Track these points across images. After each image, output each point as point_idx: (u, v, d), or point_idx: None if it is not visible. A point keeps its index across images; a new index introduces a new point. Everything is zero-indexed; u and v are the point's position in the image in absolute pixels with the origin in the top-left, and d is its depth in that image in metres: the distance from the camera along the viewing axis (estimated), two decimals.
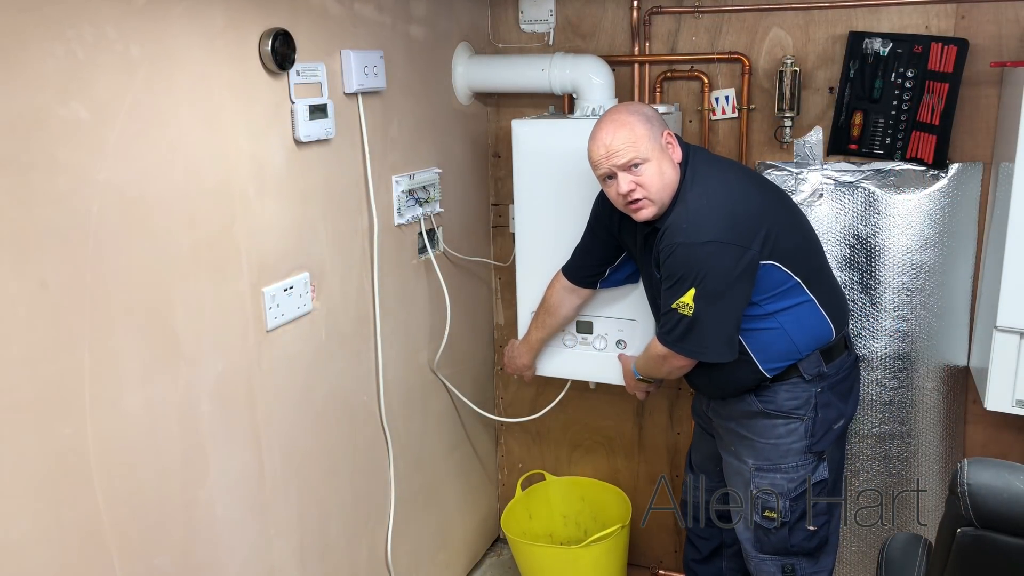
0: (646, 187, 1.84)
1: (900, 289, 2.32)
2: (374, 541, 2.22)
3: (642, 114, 1.88)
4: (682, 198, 1.86)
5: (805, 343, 1.92)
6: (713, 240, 1.79)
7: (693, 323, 1.83)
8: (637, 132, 1.84)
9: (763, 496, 1.98)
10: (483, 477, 2.90)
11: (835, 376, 1.97)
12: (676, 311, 1.84)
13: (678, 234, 1.82)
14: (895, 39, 2.19)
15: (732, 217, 1.82)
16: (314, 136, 1.83)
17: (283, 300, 1.78)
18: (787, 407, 1.95)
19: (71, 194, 1.30)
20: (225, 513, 1.68)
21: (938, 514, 1.36)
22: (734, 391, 1.99)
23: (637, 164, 1.83)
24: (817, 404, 1.94)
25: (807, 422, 1.94)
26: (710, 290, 1.80)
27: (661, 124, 1.90)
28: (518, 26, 2.60)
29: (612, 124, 1.87)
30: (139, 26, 1.40)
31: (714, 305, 1.81)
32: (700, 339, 1.85)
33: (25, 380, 1.26)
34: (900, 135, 2.24)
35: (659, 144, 1.86)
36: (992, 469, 1.27)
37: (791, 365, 1.93)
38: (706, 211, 1.83)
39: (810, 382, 1.94)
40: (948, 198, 2.26)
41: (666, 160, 1.86)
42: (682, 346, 1.89)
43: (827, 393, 1.96)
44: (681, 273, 1.81)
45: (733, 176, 1.93)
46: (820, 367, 1.94)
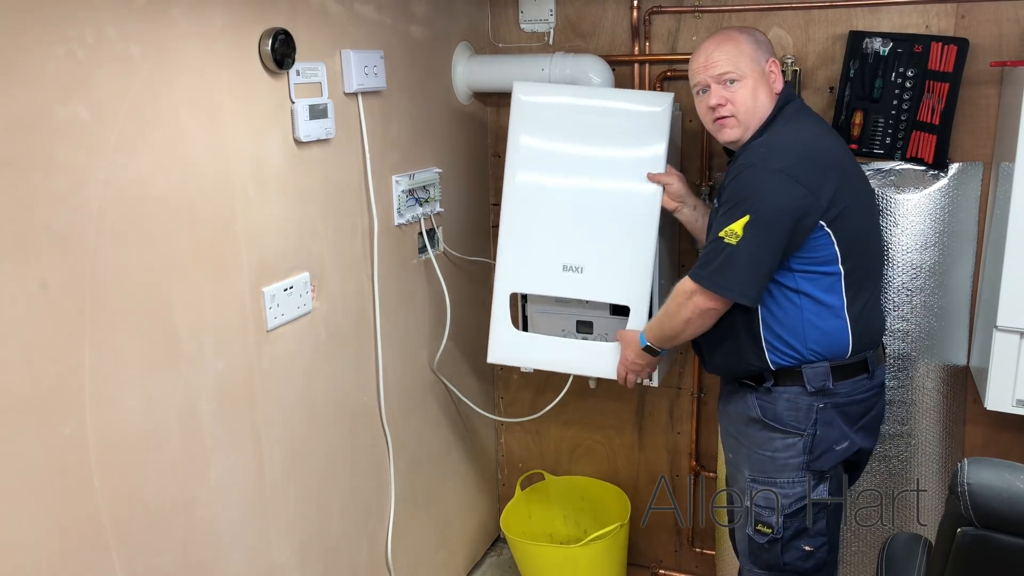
0: (736, 105, 1.82)
1: (900, 289, 2.32)
2: (374, 541, 2.22)
3: (752, 35, 1.87)
4: (770, 130, 1.82)
5: (815, 345, 1.83)
6: (784, 171, 1.72)
7: (732, 255, 1.73)
8: (742, 48, 1.82)
9: (758, 509, 1.90)
10: (483, 477, 2.90)
11: (844, 396, 1.86)
12: (721, 240, 1.74)
13: (752, 157, 1.77)
14: (895, 39, 2.19)
15: (811, 158, 1.75)
16: (314, 136, 1.83)
17: (283, 300, 1.78)
18: (785, 419, 1.86)
19: (71, 194, 1.30)
20: (225, 513, 1.68)
21: (938, 514, 1.37)
22: (736, 370, 1.92)
23: (733, 80, 1.81)
24: (818, 420, 1.85)
25: (806, 438, 1.85)
26: (763, 220, 1.71)
27: (769, 51, 1.87)
28: (518, 26, 2.60)
29: (720, 36, 1.86)
30: (139, 26, 1.40)
31: (760, 239, 1.72)
32: (735, 274, 1.75)
33: (25, 380, 1.26)
34: (900, 135, 2.24)
35: (761, 68, 1.83)
36: (992, 469, 1.27)
37: (796, 370, 1.84)
38: (788, 144, 1.78)
39: (812, 395, 1.84)
40: (948, 198, 2.26)
41: (763, 86, 1.83)
42: (714, 280, 1.77)
43: (831, 411, 1.85)
44: (741, 197, 1.73)
45: (825, 131, 1.88)
46: (826, 382, 1.84)
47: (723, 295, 1.78)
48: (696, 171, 2.50)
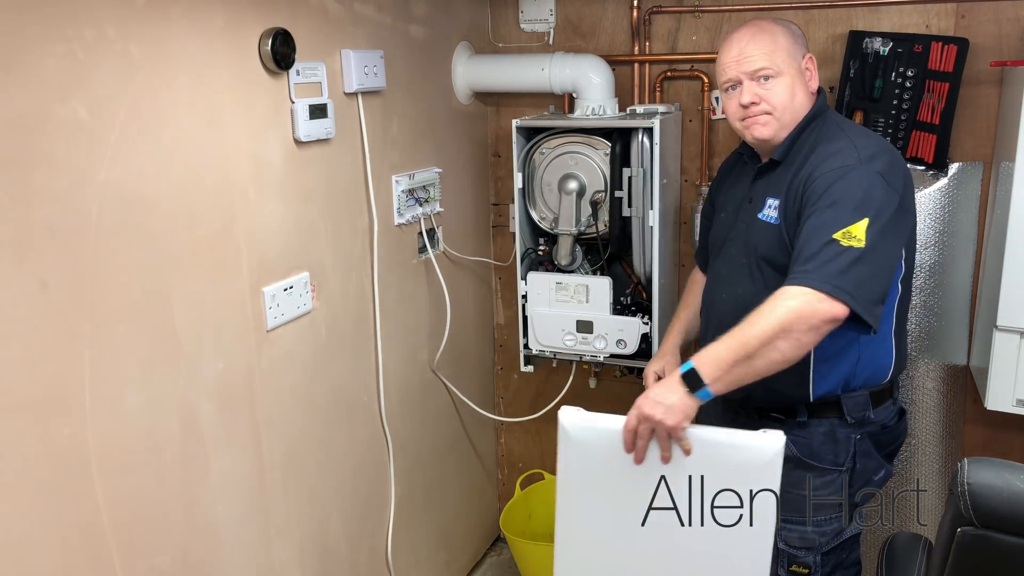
0: (771, 102, 1.66)
1: None
2: (374, 541, 2.22)
3: (788, 28, 1.71)
4: (830, 132, 1.65)
5: (863, 373, 1.68)
6: (884, 175, 1.54)
7: (862, 256, 1.46)
8: (779, 42, 1.66)
9: (792, 550, 1.73)
10: (483, 476, 2.90)
11: (878, 425, 1.72)
12: (837, 243, 1.47)
13: (847, 158, 1.56)
14: (895, 38, 2.19)
15: (897, 166, 1.60)
16: (314, 136, 1.83)
17: (283, 300, 1.78)
18: (822, 455, 1.69)
19: (71, 194, 1.30)
20: (225, 513, 1.68)
21: (938, 514, 1.36)
22: (767, 400, 1.70)
23: (768, 76, 1.65)
24: (856, 453, 1.70)
25: (845, 473, 1.69)
26: (885, 227, 1.50)
27: (804, 46, 1.73)
28: (518, 25, 2.60)
29: (753, 27, 1.69)
30: (139, 26, 1.40)
31: (884, 248, 1.50)
32: (868, 277, 1.47)
33: (25, 380, 1.26)
34: (900, 135, 2.24)
35: (798, 64, 1.69)
36: (992, 468, 1.27)
37: (834, 401, 1.67)
38: (876, 146, 1.60)
39: (851, 427, 1.68)
40: (948, 198, 2.26)
41: (800, 83, 1.68)
42: (843, 280, 1.45)
43: (867, 441, 1.71)
44: (854, 199, 1.50)
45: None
46: (866, 411, 1.69)
47: (855, 305, 1.45)
48: (696, 171, 2.50)
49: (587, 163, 2.28)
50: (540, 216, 2.38)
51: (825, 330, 1.46)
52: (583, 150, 2.28)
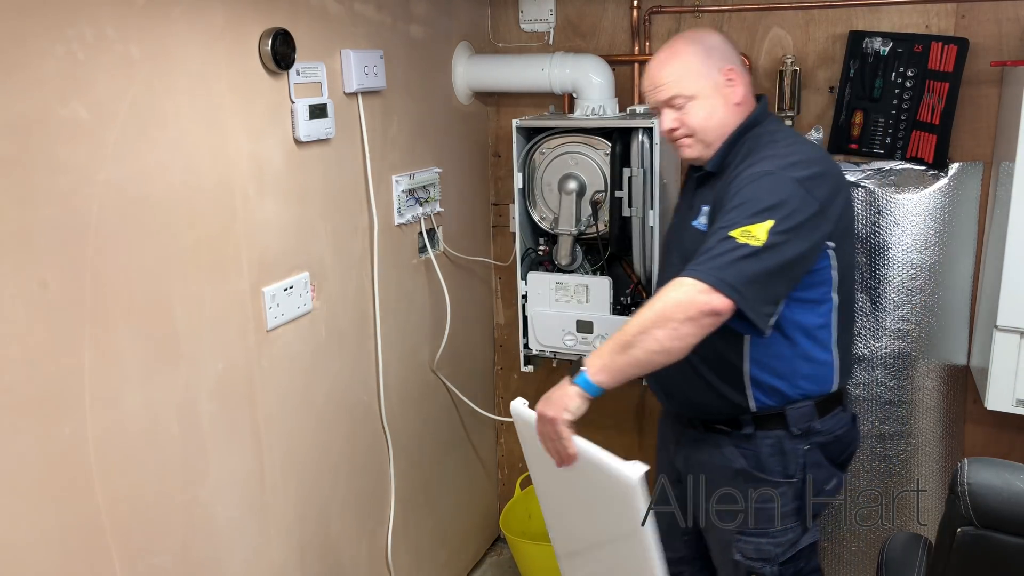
0: (689, 126, 1.67)
1: (900, 288, 2.32)
2: (374, 541, 2.22)
3: (702, 44, 1.68)
4: (763, 142, 1.63)
5: (803, 383, 1.65)
6: (803, 182, 1.52)
7: (756, 254, 1.46)
8: (689, 65, 1.65)
9: (749, 562, 1.71)
10: (483, 476, 2.90)
11: (828, 434, 1.69)
12: (733, 240, 1.46)
13: (767, 165, 1.56)
14: (895, 38, 2.19)
15: (823, 174, 1.57)
16: (314, 136, 1.83)
17: (283, 300, 1.78)
18: (771, 468, 1.67)
19: (71, 194, 1.30)
20: (225, 513, 1.68)
21: (938, 514, 1.36)
22: (710, 411, 1.70)
23: (681, 102, 1.66)
24: (806, 464, 1.66)
25: (796, 485, 1.67)
26: (789, 231, 1.48)
27: (724, 57, 1.68)
28: (518, 25, 2.60)
29: (664, 53, 1.69)
30: (139, 26, 1.40)
31: (784, 252, 1.47)
32: (760, 276, 1.46)
33: (25, 380, 1.26)
34: (900, 134, 2.24)
35: (713, 81, 1.65)
36: (992, 469, 1.27)
37: (779, 412, 1.65)
38: (804, 155, 1.58)
39: (797, 438, 1.65)
40: (948, 197, 2.26)
41: (720, 98, 1.66)
42: (728, 274, 1.44)
43: (817, 452, 1.68)
44: (762, 202, 1.50)
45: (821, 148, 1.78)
46: (811, 421, 1.66)
47: (737, 300, 1.44)
48: None
49: (587, 163, 2.28)
50: (540, 216, 2.38)
51: (706, 323, 1.44)
52: (583, 150, 2.28)
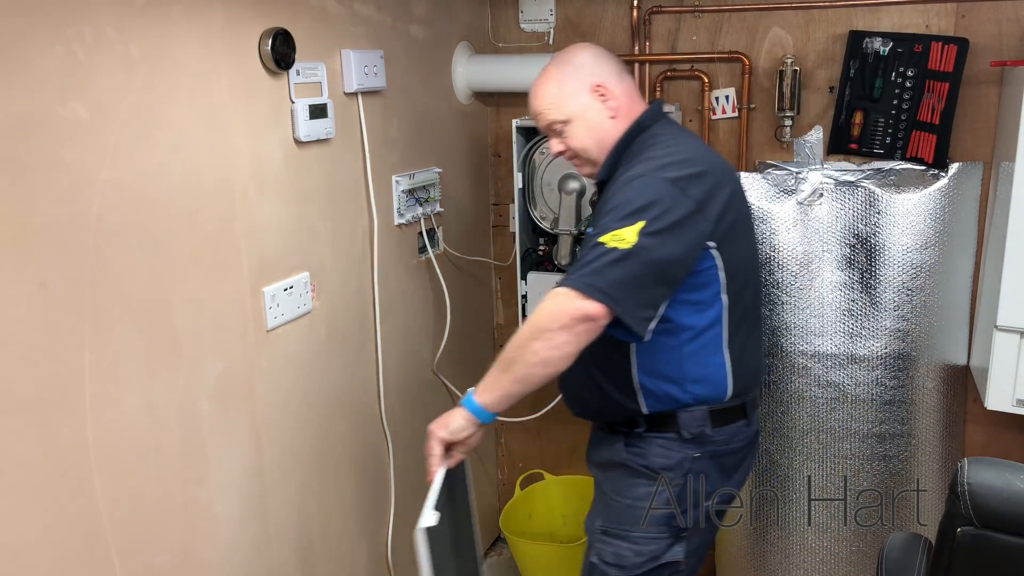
0: (572, 147, 1.67)
1: (900, 288, 2.32)
2: (374, 541, 2.22)
3: (569, 65, 1.66)
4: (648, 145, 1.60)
5: (693, 387, 1.60)
6: (677, 182, 1.49)
7: (626, 257, 1.43)
8: (561, 88, 1.65)
9: (604, 566, 1.65)
10: (483, 476, 2.90)
11: (722, 445, 1.64)
12: (603, 245, 1.44)
13: (641, 168, 1.53)
14: (895, 38, 2.19)
15: (701, 172, 1.53)
16: (314, 136, 1.83)
17: (283, 300, 1.78)
18: (656, 465, 1.63)
19: (71, 194, 1.30)
20: (225, 513, 1.68)
21: (938, 514, 1.37)
22: (607, 414, 1.68)
23: (559, 127, 1.67)
24: (691, 471, 1.62)
25: (675, 488, 1.62)
26: (661, 230, 1.45)
27: (591, 74, 1.65)
28: (518, 25, 2.60)
29: (538, 80, 1.70)
30: (139, 26, 1.40)
31: (657, 251, 1.44)
32: (631, 278, 1.43)
33: (25, 380, 1.26)
34: (900, 134, 2.24)
35: (584, 101, 1.64)
36: (992, 468, 1.27)
37: (671, 415, 1.61)
38: (680, 155, 1.55)
39: (687, 442, 1.61)
40: (948, 197, 2.26)
41: (596, 115, 1.64)
42: (598, 279, 1.42)
43: (706, 461, 1.63)
44: (633, 204, 1.46)
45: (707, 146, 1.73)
46: (704, 427, 1.61)
47: (612, 305, 1.43)
48: None
49: None
50: (540, 216, 2.38)
51: (580, 330, 1.43)
52: None
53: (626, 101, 1.67)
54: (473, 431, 1.56)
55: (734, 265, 1.59)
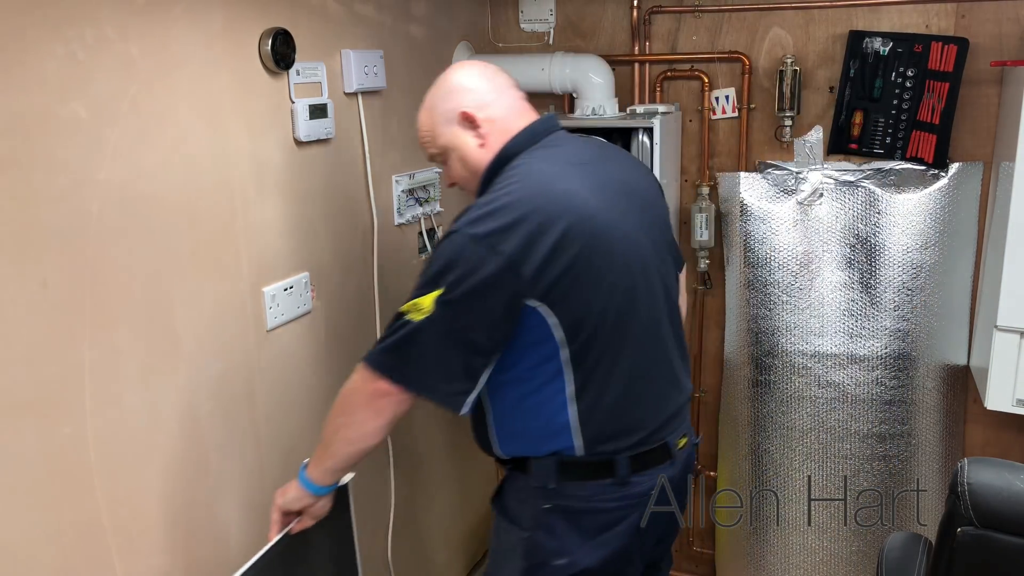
0: (453, 178, 1.60)
1: (900, 288, 2.32)
2: (374, 541, 2.22)
3: (440, 90, 1.56)
4: (493, 184, 1.46)
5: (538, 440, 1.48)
6: (486, 238, 1.34)
7: (414, 335, 1.36)
8: (431, 120, 1.57)
9: None
10: (483, 476, 2.90)
11: (579, 501, 1.47)
12: (402, 315, 1.37)
13: (460, 219, 1.40)
14: (895, 38, 2.19)
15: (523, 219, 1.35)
16: (314, 136, 1.83)
17: (283, 300, 1.78)
18: (511, 510, 1.55)
19: (71, 194, 1.30)
20: (225, 513, 1.68)
21: (938, 514, 1.37)
22: (481, 447, 1.60)
23: (439, 158, 1.59)
24: (539, 524, 1.49)
25: (525, 540, 1.51)
26: (459, 299, 1.34)
27: (460, 100, 1.53)
28: (518, 25, 2.60)
29: (421, 109, 1.62)
30: (139, 26, 1.40)
31: (453, 322, 1.35)
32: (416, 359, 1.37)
33: (25, 380, 1.26)
34: (900, 134, 2.24)
35: (454, 131, 1.54)
36: (992, 468, 1.27)
37: (524, 460, 1.51)
38: (502, 200, 1.38)
39: (537, 491, 1.49)
40: (948, 197, 2.26)
41: (466, 145, 1.53)
42: (389, 356, 1.37)
43: (556, 517, 1.48)
44: (437, 267, 1.37)
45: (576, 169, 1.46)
46: (547, 481, 1.47)
47: (405, 385, 1.39)
48: (696, 171, 2.50)
49: None
50: None
51: (381, 405, 1.40)
52: None
53: (500, 125, 1.52)
54: (311, 502, 1.52)
55: (577, 317, 1.39)
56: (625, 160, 1.65)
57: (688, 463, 1.62)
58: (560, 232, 1.36)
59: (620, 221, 1.45)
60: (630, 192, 1.52)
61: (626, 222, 1.46)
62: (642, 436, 1.48)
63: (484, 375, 1.41)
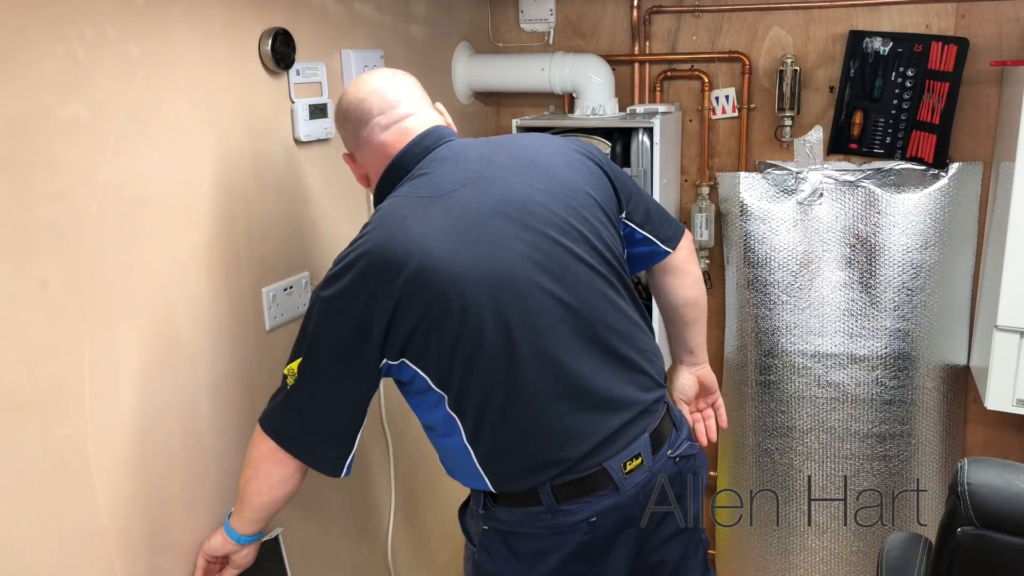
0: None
1: (900, 288, 2.32)
2: (374, 541, 2.22)
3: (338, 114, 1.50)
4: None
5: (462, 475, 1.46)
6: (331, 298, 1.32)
7: (288, 399, 1.38)
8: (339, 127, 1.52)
9: None
10: None
11: (511, 525, 1.43)
12: (285, 379, 1.38)
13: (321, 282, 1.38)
14: (895, 38, 2.19)
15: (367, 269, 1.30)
16: (314, 136, 1.83)
17: (283, 300, 1.78)
18: (465, 524, 1.56)
19: (71, 194, 1.30)
20: (225, 513, 1.68)
21: (938, 514, 1.37)
22: None
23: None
24: (481, 543, 1.49)
25: (473, 556, 1.53)
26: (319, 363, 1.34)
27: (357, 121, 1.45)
28: (518, 25, 2.60)
29: None
30: (139, 26, 1.40)
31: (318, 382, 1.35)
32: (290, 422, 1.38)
33: (25, 380, 1.26)
34: (900, 134, 2.24)
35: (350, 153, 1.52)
36: (992, 468, 1.27)
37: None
38: (347, 256, 1.35)
39: (478, 512, 1.48)
40: (948, 197, 2.26)
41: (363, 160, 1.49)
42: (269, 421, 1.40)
43: (494, 538, 1.45)
44: (300, 333, 1.37)
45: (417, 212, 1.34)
46: (479, 505, 1.46)
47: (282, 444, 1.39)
48: (696, 171, 2.50)
49: None
50: None
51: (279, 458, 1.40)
52: None
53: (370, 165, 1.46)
54: (234, 549, 1.52)
55: (443, 367, 1.33)
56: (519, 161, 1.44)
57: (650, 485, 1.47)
58: (407, 288, 1.28)
59: (481, 260, 1.31)
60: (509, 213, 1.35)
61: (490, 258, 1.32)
62: (562, 468, 1.38)
63: (358, 436, 1.41)
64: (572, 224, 1.39)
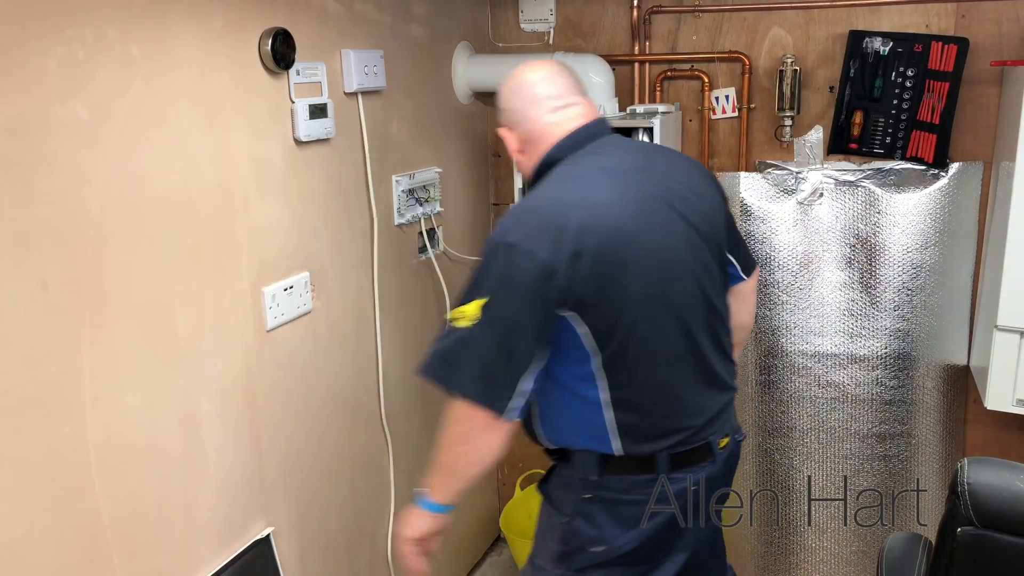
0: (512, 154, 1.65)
1: (900, 288, 2.32)
2: (374, 541, 2.22)
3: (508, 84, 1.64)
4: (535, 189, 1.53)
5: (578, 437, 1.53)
6: (517, 244, 1.38)
7: (462, 343, 1.40)
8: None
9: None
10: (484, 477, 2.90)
11: (617, 492, 1.52)
12: (449, 324, 1.41)
13: (496, 228, 1.45)
14: (895, 38, 2.19)
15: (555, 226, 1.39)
16: (314, 136, 1.83)
17: (283, 300, 1.78)
18: (555, 497, 1.61)
19: (71, 194, 1.30)
20: (225, 513, 1.68)
21: (938, 514, 1.37)
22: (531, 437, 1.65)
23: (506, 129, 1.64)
24: (578, 511, 1.55)
25: (564, 525, 1.56)
26: (499, 304, 1.38)
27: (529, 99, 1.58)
28: (518, 25, 2.60)
29: None
30: (139, 26, 1.40)
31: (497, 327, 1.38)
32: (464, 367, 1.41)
33: (25, 380, 1.26)
34: (900, 134, 2.24)
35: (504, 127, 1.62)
36: (992, 468, 1.27)
37: (568, 451, 1.56)
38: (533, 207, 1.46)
39: (579, 481, 1.54)
40: (948, 197, 2.26)
41: (511, 144, 1.62)
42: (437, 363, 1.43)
43: (595, 505, 1.53)
44: (477, 275, 1.42)
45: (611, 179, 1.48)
46: (589, 473, 1.52)
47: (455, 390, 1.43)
48: None
49: None
50: None
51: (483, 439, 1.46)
52: None
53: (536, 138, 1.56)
54: (442, 523, 1.59)
55: (607, 326, 1.42)
56: (673, 165, 1.62)
57: (731, 460, 1.65)
58: (588, 243, 1.38)
59: (654, 232, 1.46)
60: (672, 202, 1.51)
61: (661, 233, 1.47)
62: (683, 437, 1.52)
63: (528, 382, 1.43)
64: (709, 231, 1.57)
